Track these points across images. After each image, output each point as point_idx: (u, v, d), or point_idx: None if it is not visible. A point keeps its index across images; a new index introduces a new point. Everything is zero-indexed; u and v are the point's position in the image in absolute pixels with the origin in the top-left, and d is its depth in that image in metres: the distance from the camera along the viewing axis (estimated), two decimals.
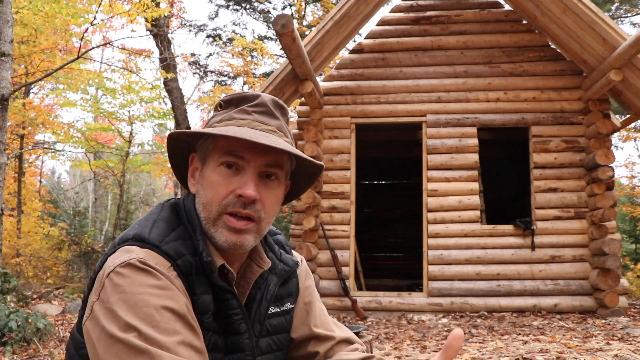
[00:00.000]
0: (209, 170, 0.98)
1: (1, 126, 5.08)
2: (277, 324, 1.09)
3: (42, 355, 4.13)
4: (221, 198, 0.95)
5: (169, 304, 0.85)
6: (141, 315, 0.83)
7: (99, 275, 0.91)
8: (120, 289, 0.85)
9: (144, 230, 0.95)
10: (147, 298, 0.84)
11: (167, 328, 0.83)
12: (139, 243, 0.93)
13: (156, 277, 0.88)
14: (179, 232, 0.97)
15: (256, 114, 0.99)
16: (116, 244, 0.95)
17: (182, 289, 0.90)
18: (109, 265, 0.90)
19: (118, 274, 0.87)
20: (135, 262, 0.88)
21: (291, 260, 1.15)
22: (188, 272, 0.93)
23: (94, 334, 0.85)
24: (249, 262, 1.07)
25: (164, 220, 0.98)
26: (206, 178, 0.98)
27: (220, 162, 0.96)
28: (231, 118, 0.99)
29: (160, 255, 0.91)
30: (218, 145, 0.97)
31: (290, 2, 14.28)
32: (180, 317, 0.86)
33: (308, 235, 6.41)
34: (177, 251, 0.93)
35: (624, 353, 3.61)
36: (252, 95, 1.01)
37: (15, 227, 11.21)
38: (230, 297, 0.97)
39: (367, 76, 7.07)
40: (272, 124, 1.00)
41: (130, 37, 11.76)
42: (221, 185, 0.95)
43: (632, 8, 13.86)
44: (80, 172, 20.79)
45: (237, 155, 0.95)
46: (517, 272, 6.30)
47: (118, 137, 13.47)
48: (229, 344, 0.99)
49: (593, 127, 6.30)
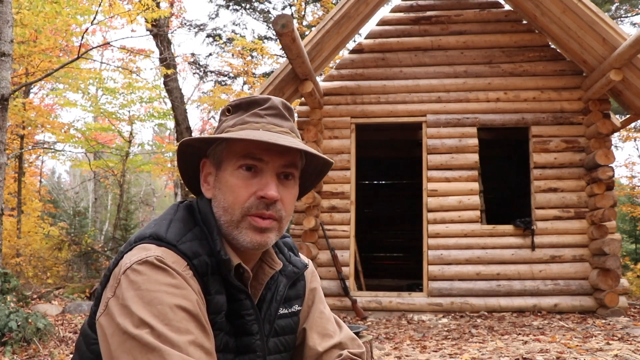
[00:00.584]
0: (227, 174, 0.98)
1: (1, 126, 5.07)
2: (285, 325, 1.10)
3: (42, 355, 4.13)
4: (243, 201, 0.96)
5: (183, 303, 0.86)
6: (155, 312, 0.83)
7: (115, 272, 0.92)
8: (136, 285, 0.87)
9: (161, 229, 0.96)
10: (162, 296, 0.85)
11: (180, 327, 0.84)
12: (156, 241, 0.94)
13: (172, 276, 0.89)
14: (195, 232, 0.98)
15: (269, 117, 1.01)
16: (132, 241, 0.96)
17: (197, 289, 0.91)
18: (125, 262, 0.91)
19: (134, 271, 0.88)
20: (153, 259, 0.89)
21: (300, 262, 1.16)
22: (204, 272, 0.94)
23: (108, 329, 0.86)
24: (260, 263, 1.08)
25: (180, 221, 0.99)
26: (225, 182, 0.98)
27: (238, 165, 0.97)
28: (244, 122, 1.00)
29: (177, 254, 0.92)
30: (235, 149, 0.98)
31: (290, 2, 14.28)
32: (193, 317, 0.87)
33: (308, 235, 6.41)
34: (194, 251, 0.94)
35: (624, 353, 3.61)
36: (262, 98, 1.03)
37: (15, 227, 11.21)
38: (244, 298, 0.99)
39: (367, 76, 7.07)
40: (285, 125, 1.02)
41: (130, 37, 11.76)
42: (242, 188, 0.97)
43: (632, 8, 13.86)
44: (80, 172, 20.79)
45: (255, 158, 0.96)
46: (517, 272, 6.30)
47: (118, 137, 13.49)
48: (240, 345, 1.00)
49: (593, 127, 6.30)
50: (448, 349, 4.23)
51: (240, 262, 0.98)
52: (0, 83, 5.05)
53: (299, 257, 1.19)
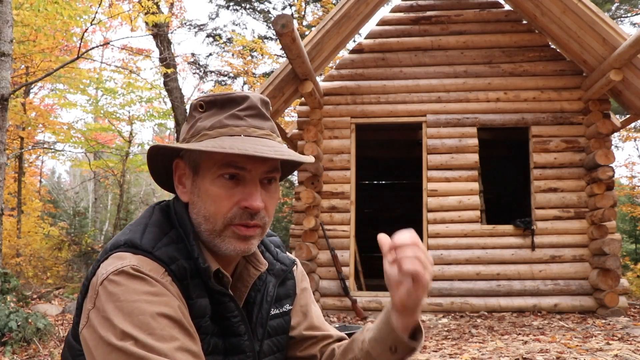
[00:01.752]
0: (206, 181, 0.94)
1: (1, 126, 5.08)
2: (277, 326, 1.09)
3: (42, 355, 4.13)
4: (226, 211, 0.93)
5: (165, 311, 0.84)
6: (137, 323, 0.82)
7: (93, 282, 0.89)
8: (115, 297, 0.84)
9: (135, 235, 0.93)
10: (142, 305, 0.83)
11: (164, 335, 0.82)
12: (132, 249, 0.91)
13: (150, 284, 0.86)
14: (171, 236, 0.95)
15: (249, 118, 0.95)
16: (108, 249, 0.93)
17: (177, 294, 0.89)
18: (101, 273, 0.88)
19: (112, 282, 0.86)
20: (129, 269, 0.86)
21: (287, 259, 1.15)
22: (183, 277, 0.91)
23: (92, 342, 0.84)
24: (244, 263, 1.06)
25: (156, 225, 0.96)
26: (204, 190, 0.94)
27: (219, 174, 0.92)
28: (223, 125, 0.94)
29: (154, 261, 0.90)
30: (215, 156, 0.92)
31: (290, 2, 14.28)
32: (177, 323, 0.85)
33: (308, 235, 6.41)
34: (171, 256, 0.91)
35: (624, 353, 3.61)
36: (239, 96, 0.96)
37: (15, 227, 11.21)
38: (227, 300, 0.97)
39: (367, 76, 7.07)
40: (266, 126, 0.97)
41: (130, 37, 11.76)
42: (224, 198, 0.93)
43: (632, 8, 13.86)
44: (80, 172, 20.79)
45: (237, 167, 0.92)
46: (517, 272, 6.30)
47: (118, 137, 13.49)
48: (228, 346, 0.98)
49: (593, 127, 6.30)
50: (448, 349, 4.23)
51: (219, 267, 0.96)
52: (0, 83, 5.05)
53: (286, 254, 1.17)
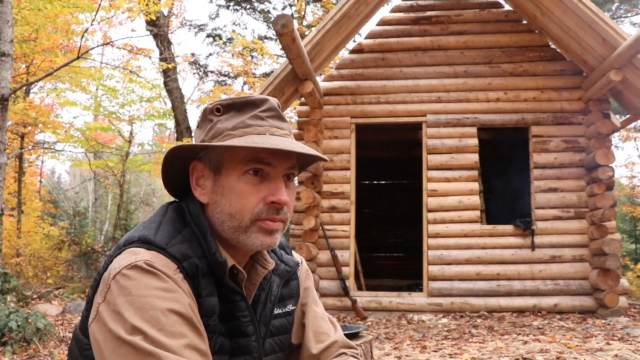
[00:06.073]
0: (232, 179, 0.96)
1: (1, 126, 5.08)
2: (280, 325, 1.10)
3: (42, 355, 4.13)
4: (252, 206, 0.95)
5: (175, 307, 0.85)
6: (147, 318, 0.83)
7: (104, 276, 0.91)
8: (127, 291, 0.85)
9: (149, 232, 0.95)
10: (154, 301, 0.85)
11: (173, 331, 0.83)
12: (145, 245, 0.92)
13: (162, 280, 0.87)
14: (184, 234, 0.96)
15: (270, 119, 0.99)
16: (121, 245, 0.95)
17: (188, 292, 0.90)
18: (114, 267, 0.89)
19: (124, 276, 0.87)
20: (142, 264, 0.88)
21: (292, 260, 1.16)
22: (194, 275, 0.93)
23: (100, 335, 0.85)
24: (252, 263, 1.07)
25: (170, 223, 0.98)
26: (230, 188, 0.96)
27: (245, 170, 0.95)
28: (246, 125, 0.97)
29: (167, 257, 0.91)
30: (240, 153, 0.95)
31: (290, 2, 14.28)
32: (186, 320, 0.86)
33: (308, 235, 6.41)
34: (184, 253, 0.92)
35: (624, 353, 3.61)
36: (258, 99, 1.00)
37: (15, 227, 11.20)
38: (238, 299, 0.98)
39: (367, 76, 7.07)
40: (285, 127, 1.01)
41: (131, 37, 11.71)
42: (251, 194, 0.95)
43: (632, 8, 13.86)
44: (80, 172, 20.79)
45: (263, 162, 0.95)
46: (517, 272, 6.30)
47: (118, 137, 13.48)
48: (235, 346, 0.99)
49: (593, 127, 6.29)
50: (448, 349, 4.23)
51: (235, 263, 0.98)
52: (0, 83, 5.05)
53: (291, 255, 1.18)
